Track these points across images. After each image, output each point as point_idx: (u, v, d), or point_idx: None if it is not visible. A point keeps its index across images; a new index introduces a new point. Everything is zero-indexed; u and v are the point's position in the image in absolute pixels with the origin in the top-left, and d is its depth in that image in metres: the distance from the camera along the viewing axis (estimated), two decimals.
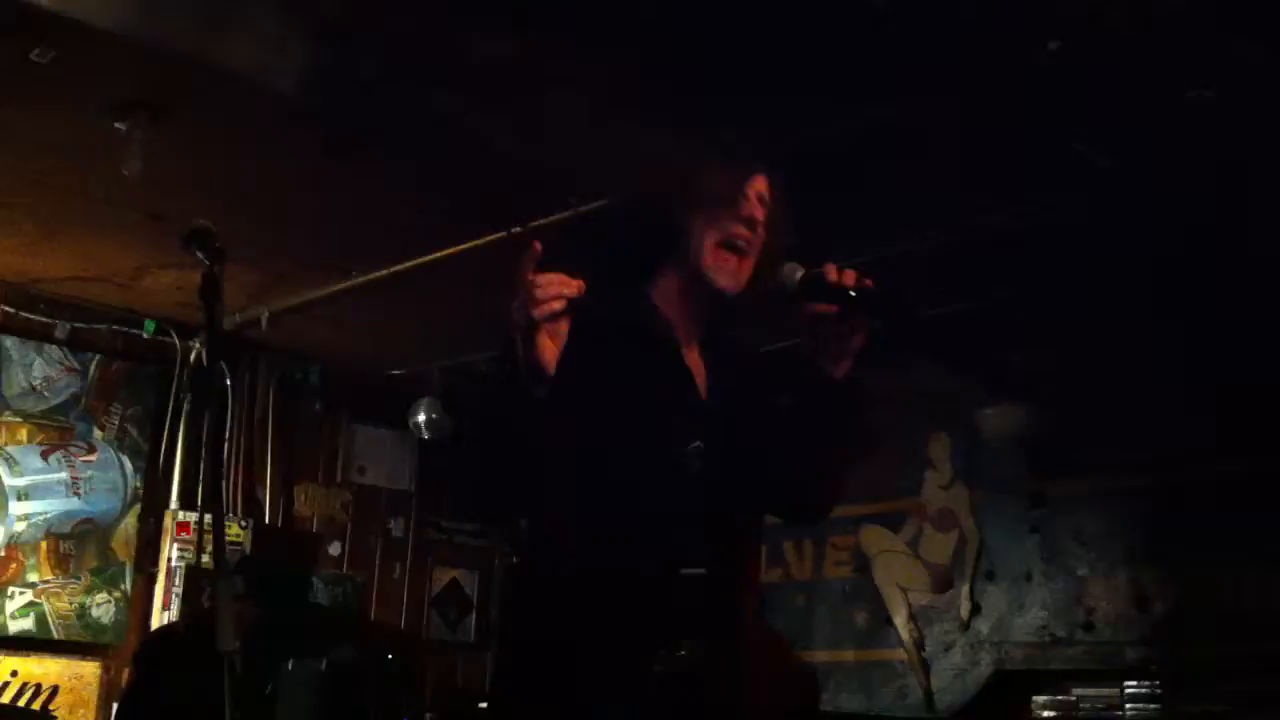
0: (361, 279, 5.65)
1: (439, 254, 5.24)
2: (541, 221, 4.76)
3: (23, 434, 6.14)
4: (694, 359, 2.29)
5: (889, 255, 4.77)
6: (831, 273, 2.18)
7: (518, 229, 4.87)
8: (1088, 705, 5.72)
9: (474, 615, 7.59)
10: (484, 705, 6.34)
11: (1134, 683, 5.59)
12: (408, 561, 7.42)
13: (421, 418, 6.98)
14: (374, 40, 3.93)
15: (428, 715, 5.73)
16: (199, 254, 2.20)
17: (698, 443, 2.15)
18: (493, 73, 4.00)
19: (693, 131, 4.10)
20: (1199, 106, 3.71)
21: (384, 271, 5.52)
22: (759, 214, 2.26)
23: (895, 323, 2.16)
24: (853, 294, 2.14)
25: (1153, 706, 5.49)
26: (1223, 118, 3.86)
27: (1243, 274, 4.85)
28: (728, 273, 2.22)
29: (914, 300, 2.16)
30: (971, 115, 3.96)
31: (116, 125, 4.31)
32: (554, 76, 4.01)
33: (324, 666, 5.65)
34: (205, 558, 6.12)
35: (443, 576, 7.50)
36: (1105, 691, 5.67)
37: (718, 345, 2.32)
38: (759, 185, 2.28)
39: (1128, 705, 5.59)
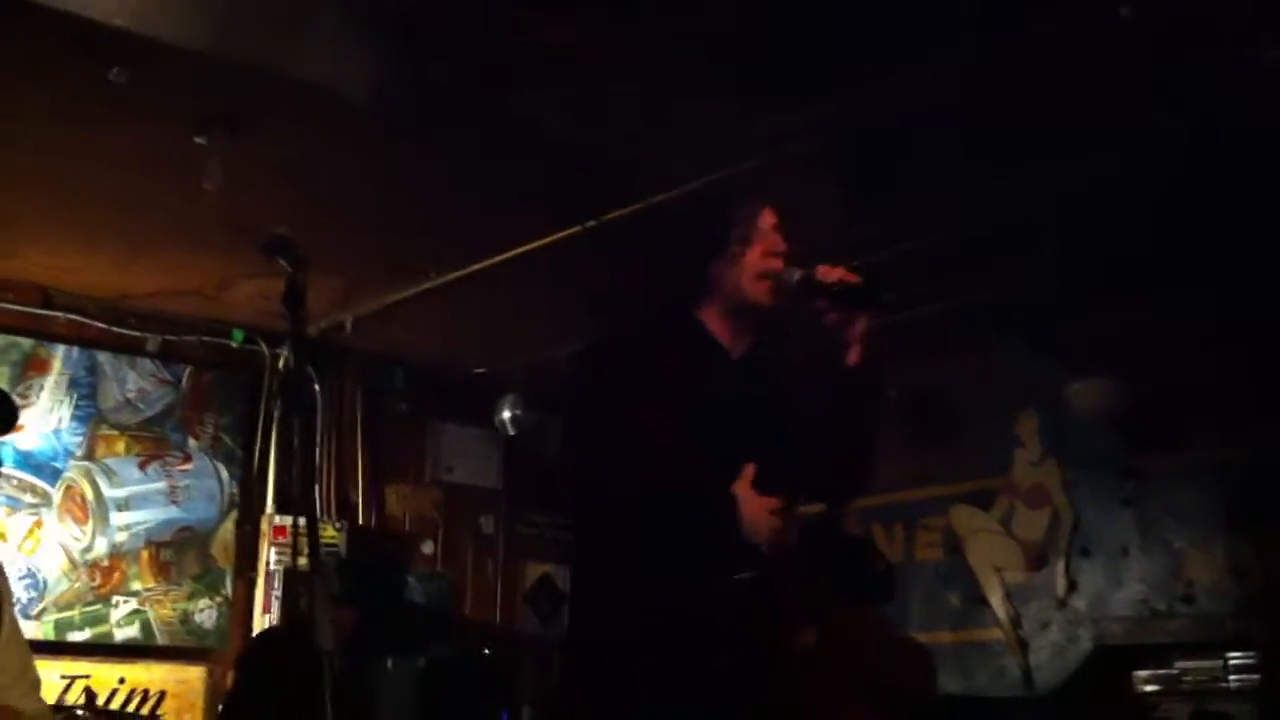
0: (441, 280, 5.70)
1: (515, 251, 5.28)
2: (614, 214, 4.78)
3: (120, 446, 6.28)
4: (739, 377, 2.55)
5: (977, 232, 4.76)
6: (819, 272, 2.46)
7: (591, 222, 4.89)
8: (1191, 678, 5.62)
9: (567, 609, 7.62)
10: None
11: (1237, 654, 5.49)
12: (499, 558, 7.48)
13: (507, 415, 7.03)
14: (443, 42, 3.97)
15: (525, 709, 5.77)
16: (281, 261, 2.23)
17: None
18: (560, 68, 4.02)
19: (757, 110, 4.12)
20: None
21: (462, 271, 5.57)
22: (781, 244, 2.56)
23: (871, 309, 2.46)
24: (834, 289, 2.43)
25: (1256, 677, 5.39)
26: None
27: None
28: (769, 295, 2.53)
29: (888, 292, 2.45)
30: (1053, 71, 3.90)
31: (196, 140, 4.39)
32: (621, 68, 4.02)
33: (422, 664, 5.72)
34: (302, 560, 6.23)
35: (534, 571, 7.54)
36: (1208, 664, 5.57)
37: (759, 361, 2.61)
38: (770, 218, 2.58)
39: (1231, 677, 5.49)
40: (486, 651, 6.35)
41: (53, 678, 5.78)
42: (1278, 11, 3.59)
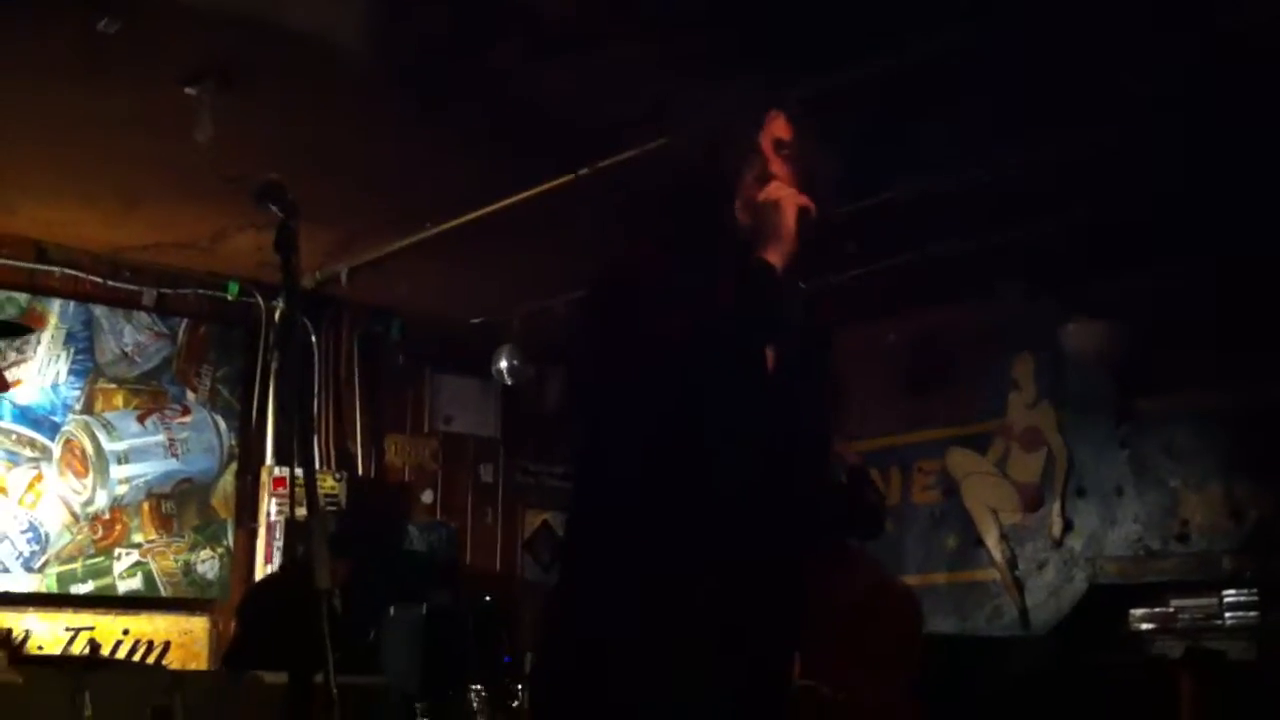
0: (435, 230, 5.70)
1: (508, 201, 5.27)
2: (607, 162, 4.76)
3: (118, 400, 6.30)
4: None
5: (980, 178, 4.75)
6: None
7: (585, 171, 4.88)
8: (1186, 616, 5.67)
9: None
10: None
11: (1232, 591, 5.53)
12: (499, 506, 7.53)
13: (504, 364, 7.04)
14: None
15: (527, 654, 5.82)
16: (272, 208, 2.22)
17: None
18: (552, 21, 4.00)
19: (752, 67, 4.09)
20: None
21: (457, 221, 5.56)
22: (777, 166, 2.23)
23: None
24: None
25: (1252, 614, 5.43)
26: None
27: None
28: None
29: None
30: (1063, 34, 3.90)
31: (187, 92, 4.38)
32: (611, 21, 4.00)
33: (424, 612, 5.77)
34: (301, 510, 6.25)
35: (534, 519, 7.59)
36: (1203, 601, 5.61)
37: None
38: (776, 130, 2.26)
39: (1227, 614, 5.53)
40: (487, 599, 6.40)
41: (58, 630, 5.85)
42: None
